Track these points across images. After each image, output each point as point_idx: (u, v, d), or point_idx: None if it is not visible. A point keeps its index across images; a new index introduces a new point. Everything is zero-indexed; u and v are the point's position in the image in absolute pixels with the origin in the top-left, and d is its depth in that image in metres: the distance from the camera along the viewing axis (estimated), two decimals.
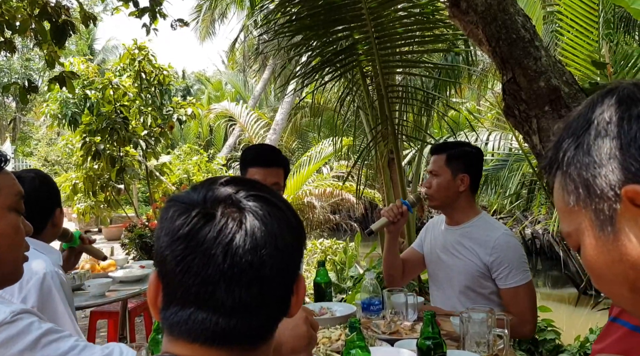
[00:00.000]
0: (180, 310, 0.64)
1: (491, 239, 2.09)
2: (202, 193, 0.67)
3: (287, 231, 0.67)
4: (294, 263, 0.68)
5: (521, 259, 2.09)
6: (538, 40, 2.29)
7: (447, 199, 2.20)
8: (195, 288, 0.63)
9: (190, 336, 0.64)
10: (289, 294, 0.69)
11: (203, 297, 0.63)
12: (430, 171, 2.22)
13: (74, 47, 21.60)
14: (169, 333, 0.66)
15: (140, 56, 7.87)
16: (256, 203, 0.66)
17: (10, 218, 1.02)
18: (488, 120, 8.99)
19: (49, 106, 8.62)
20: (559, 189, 0.59)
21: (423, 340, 1.48)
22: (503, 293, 2.07)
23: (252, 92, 18.61)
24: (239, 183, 0.69)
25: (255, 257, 0.63)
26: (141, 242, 6.15)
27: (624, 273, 0.54)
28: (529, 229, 11.10)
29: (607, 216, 0.53)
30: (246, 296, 0.63)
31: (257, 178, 2.10)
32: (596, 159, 0.54)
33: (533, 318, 2.09)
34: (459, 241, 2.18)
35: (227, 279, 0.62)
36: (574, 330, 5.14)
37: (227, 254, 0.62)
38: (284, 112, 12.72)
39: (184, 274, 0.63)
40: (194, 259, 0.62)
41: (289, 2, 3.83)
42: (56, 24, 3.56)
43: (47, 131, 16.47)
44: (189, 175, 9.91)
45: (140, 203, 14.11)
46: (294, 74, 4.35)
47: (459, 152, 2.22)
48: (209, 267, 0.62)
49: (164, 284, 0.66)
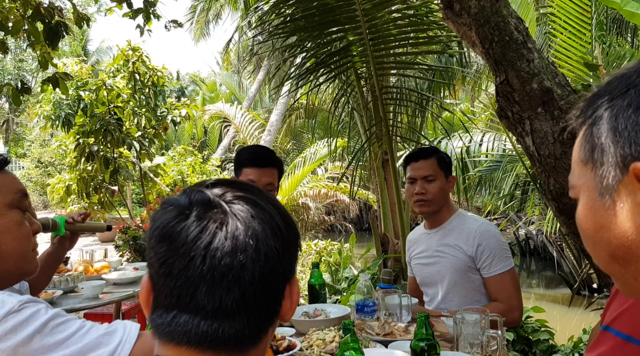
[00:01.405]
0: (164, 313, 0.64)
1: (472, 230, 2.14)
2: (189, 195, 0.66)
3: (272, 234, 0.65)
4: (283, 268, 0.66)
5: (502, 246, 2.13)
6: (531, 42, 2.30)
7: (442, 202, 2.22)
8: (176, 291, 0.62)
9: (175, 339, 0.63)
10: (278, 299, 0.67)
11: (184, 300, 0.62)
12: (425, 176, 2.20)
13: (68, 48, 21.51)
14: (157, 335, 0.65)
15: (134, 57, 7.84)
16: (241, 205, 0.64)
17: (11, 215, 1.07)
18: (482, 121, 9.02)
19: (42, 107, 8.58)
20: (580, 140, 0.60)
21: (417, 342, 1.49)
22: (488, 281, 2.11)
23: (247, 93, 18.61)
24: (227, 184, 0.68)
25: (236, 260, 0.61)
26: (135, 244, 6.14)
27: (607, 239, 0.57)
28: (523, 230, 11.14)
29: (610, 185, 0.55)
30: (227, 300, 0.62)
31: (251, 178, 2.10)
32: (620, 127, 0.54)
33: (519, 304, 2.12)
34: (443, 242, 2.21)
35: (207, 282, 0.61)
36: (568, 330, 5.17)
37: (206, 256, 0.61)
38: (279, 113, 12.71)
39: (166, 276, 0.62)
40: (174, 261, 0.62)
41: (283, 4, 3.83)
42: (49, 25, 3.54)
43: (41, 132, 16.40)
44: (183, 176, 9.88)
45: (135, 204, 14.06)
46: (288, 75, 4.35)
47: (445, 155, 2.28)
48: (188, 269, 0.61)
49: (153, 287, 0.65)
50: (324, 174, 11.52)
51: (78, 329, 0.89)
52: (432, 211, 2.24)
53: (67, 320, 0.90)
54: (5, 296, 0.90)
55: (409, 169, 2.26)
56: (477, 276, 2.14)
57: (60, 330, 0.88)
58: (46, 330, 0.86)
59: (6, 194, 1.07)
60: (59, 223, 2.03)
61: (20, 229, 1.09)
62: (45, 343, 0.86)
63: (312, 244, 7.73)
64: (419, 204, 2.23)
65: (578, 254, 7.36)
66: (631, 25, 6.27)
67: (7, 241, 1.05)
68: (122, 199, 10.00)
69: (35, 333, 0.86)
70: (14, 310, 0.86)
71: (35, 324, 0.86)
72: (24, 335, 0.85)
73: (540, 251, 11.06)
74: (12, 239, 1.07)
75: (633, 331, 1.14)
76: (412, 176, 2.24)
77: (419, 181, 2.21)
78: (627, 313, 1.16)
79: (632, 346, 1.13)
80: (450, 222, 2.23)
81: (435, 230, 2.26)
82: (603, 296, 6.95)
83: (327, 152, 9.15)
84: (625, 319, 1.16)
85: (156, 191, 9.21)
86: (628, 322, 1.16)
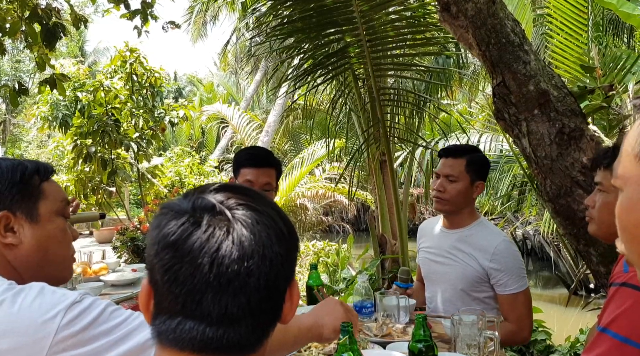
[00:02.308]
0: (167, 319, 0.64)
1: (491, 245, 2.06)
2: (191, 200, 0.66)
3: (277, 240, 0.65)
4: (285, 272, 0.67)
5: (520, 266, 2.08)
6: (527, 44, 2.31)
7: (460, 205, 2.14)
8: (182, 298, 0.62)
9: (178, 345, 0.63)
10: (280, 303, 0.69)
11: (190, 307, 0.63)
12: (447, 175, 2.12)
13: (65, 49, 21.45)
14: (159, 341, 0.65)
15: (131, 58, 7.84)
16: (245, 211, 0.65)
17: (58, 222, 1.15)
18: (479, 122, 9.04)
19: (39, 108, 8.56)
20: (635, 130, 0.58)
21: (414, 343, 1.49)
22: (501, 299, 2.07)
23: (244, 94, 18.60)
24: (230, 190, 0.68)
25: (242, 267, 0.62)
26: (133, 245, 6.12)
27: None
28: (520, 230, 11.16)
29: None
30: (233, 306, 0.63)
31: (249, 178, 2.12)
32: None
33: (530, 324, 2.09)
34: (456, 246, 2.15)
35: (213, 289, 0.62)
36: (565, 330, 5.18)
37: (213, 263, 0.61)
38: (276, 114, 12.71)
39: (171, 283, 0.63)
40: (180, 268, 0.62)
41: (281, 5, 3.84)
42: (47, 26, 3.54)
43: (38, 133, 16.35)
44: (181, 177, 9.86)
45: (132, 205, 14.05)
46: (286, 76, 4.35)
47: (478, 158, 2.16)
48: (195, 277, 0.62)
49: (154, 292, 0.66)
50: (321, 174, 11.53)
51: (130, 314, 1.01)
52: (447, 211, 2.18)
53: (119, 308, 1.02)
54: (64, 290, 1.00)
55: (439, 163, 2.20)
56: (486, 288, 2.09)
57: (116, 316, 0.99)
58: (105, 315, 0.98)
59: (54, 202, 1.15)
60: None
61: (65, 236, 1.17)
62: (105, 327, 0.97)
63: (310, 245, 7.73)
64: (435, 200, 2.18)
65: (575, 254, 7.37)
66: (627, 26, 6.29)
67: (53, 247, 1.14)
68: (120, 200, 9.99)
69: (97, 317, 0.97)
70: (77, 301, 0.97)
71: (96, 311, 0.97)
72: (89, 319, 0.96)
73: (538, 252, 11.09)
74: (58, 245, 1.15)
75: (630, 333, 1.15)
76: (437, 172, 2.18)
77: (441, 178, 2.14)
78: (625, 315, 1.17)
79: (629, 348, 1.14)
80: (469, 228, 2.15)
81: (452, 231, 2.19)
82: (600, 297, 6.98)
83: (324, 153, 9.14)
84: (623, 321, 1.17)
85: (154, 192, 9.20)
86: (625, 324, 1.16)
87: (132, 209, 13.13)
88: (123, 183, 8.97)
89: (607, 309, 1.23)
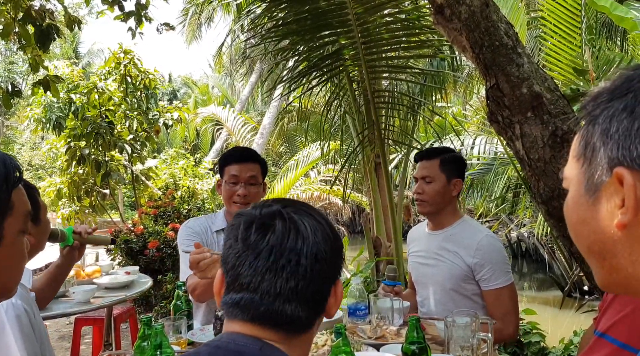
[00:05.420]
0: (235, 294, 0.83)
1: (474, 241, 2.10)
2: (259, 210, 0.86)
3: (324, 240, 0.84)
4: (329, 268, 0.85)
5: (504, 261, 2.11)
6: (520, 47, 2.32)
7: (440, 204, 2.19)
8: (247, 278, 0.82)
9: (241, 314, 0.82)
10: (325, 295, 0.86)
11: (253, 285, 0.82)
12: (423, 177, 2.19)
13: (59, 51, 21.37)
14: (227, 315, 0.84)
15: (125, 60, 7.80)
16: (300, 215, 0.85)
17: (19, 242, 0.99)
18: (474, 124, 9.07)
19: (32, 110, 8.50)
20: (578, 133, 0.61)
21: (408, 345, 1.49)
22: (486, 294, 2.09)
23: (239, 96, 18.58)
24: (286, 202, 0.89)
25: (293, 258, 0.81)
26: (127, 247, 6.09)
27: (587, 233, 0.60)
28: (515, 232, 11.20)
29: (595, 183, 0.57)
30: (285, 288, 0.81)
31: (234, 173, 2.16)
32: (611, 130, 0.55)
33: (516, 319, 2.11)
34: (442, 246, 2.19)
35: (271, 273, 0.81)
36: (559, 332, 5.19)
37: (271, 253, 0.81)
38: (271, 116, 12.70)
39: (241, 266, 0.83)
40: (247, 256, 0.82)
41: (276, 7, 3.84)
42: (40, 28, 3.52)
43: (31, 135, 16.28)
44: (175, 179, 9.81)
45: (126, 207, 14.00)
46: (281, 78, 4.35)
47: (451, 157, 2.23)
48: (258, 261, 0.81)
49: (226, 277, 0.85)
50: (316, 177, 11.52)
51: None
52: (429, 212, 2.22)
53: None
54: None
55: (417, 167, 2.28)
56: (473, 286, 2.11)
57: None
58: None
59: (19, 217, 0.98)
60: (67, 233, 2.08)
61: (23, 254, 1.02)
62: None
63: None
64: (417, 203, 2.24)
65: (569, 256, 7.40)
66: (620, 29, 6.33)
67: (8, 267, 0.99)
68: (114, 202, 9.93)
69: None
70: None
71: None
72: None
73: (532, 254, 11.14)
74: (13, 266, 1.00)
75: (629, 339, 1.14)
76: (415, 176, 2.27)
77: (419, 181, 2.21)
78: (624, 321, 1.17)
79: (627, 354, 1.13)
80: (453, 227, 2.20)
81: (436, 232, 2.24)
82: (594, 299, 7.00)
83: (319, 155, 9.14)
84: (622, 327, 1.16)
85: (148, 194, 9.15)
86: (624, 330, 1.16)
87: (126, 211, 13.07)
88: (117, 185, 8.91)
89: (605, 314, 1.22)
